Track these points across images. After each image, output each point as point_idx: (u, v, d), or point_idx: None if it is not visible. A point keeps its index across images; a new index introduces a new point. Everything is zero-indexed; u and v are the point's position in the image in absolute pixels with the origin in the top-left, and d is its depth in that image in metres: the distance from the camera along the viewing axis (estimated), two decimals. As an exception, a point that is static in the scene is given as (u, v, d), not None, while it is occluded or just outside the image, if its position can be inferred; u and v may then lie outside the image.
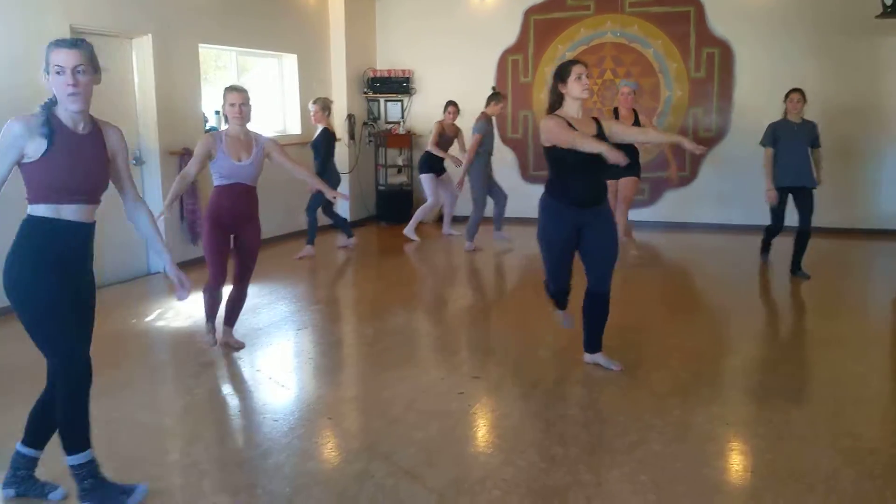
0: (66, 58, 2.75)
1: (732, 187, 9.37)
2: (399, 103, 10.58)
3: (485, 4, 10.18)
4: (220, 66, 8.98)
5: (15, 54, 5.82)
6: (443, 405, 4.04)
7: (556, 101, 4.22)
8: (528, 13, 10.01)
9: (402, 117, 10.56)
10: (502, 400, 4.17)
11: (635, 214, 9.65)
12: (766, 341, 5.43)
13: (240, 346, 5.04)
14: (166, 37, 7.32)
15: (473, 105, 8.68)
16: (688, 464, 3.31)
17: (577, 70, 4.10)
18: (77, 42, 2.82)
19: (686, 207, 9.69)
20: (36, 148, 2.75)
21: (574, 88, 4.10)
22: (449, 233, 9.26)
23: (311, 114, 8.14)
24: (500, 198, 8.54)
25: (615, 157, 3.79)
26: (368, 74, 10.43)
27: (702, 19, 9.39)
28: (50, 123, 2.78)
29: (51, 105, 2.82)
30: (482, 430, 3.81)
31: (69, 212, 2.83)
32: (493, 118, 8.46)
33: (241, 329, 5.25)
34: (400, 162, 10.56)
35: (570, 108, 4.18)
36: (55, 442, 2.97)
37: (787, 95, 6.90)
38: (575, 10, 9.82)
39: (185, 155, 7.47)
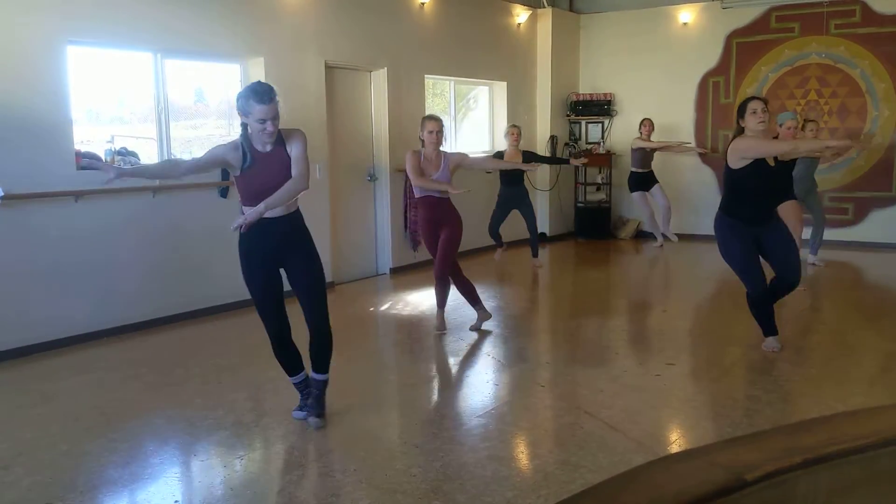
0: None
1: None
2: (600, 125, 11.19)
3: (687, 30, 10.58)
4: (436, 94, 10.06)
5: (286, 85, 7.10)
6: (642, 382, 4.64)
7: (738, 133, 4.77)
8: (731, 36, 10.29)
9: (603, 138, 11.15)
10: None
11: (840, 234, 9.61)
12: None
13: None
14: (398, 69, 8.45)
15: (674, 123, 9.11)
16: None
17: (752, 106, 4.63)
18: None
19: (892, 227, 9.50)
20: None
21: (750, 122, 4.63)
22: (665, 236, 9.96)
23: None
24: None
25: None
26: (571, 98, 11.14)
27: (913, 37, 9.26)
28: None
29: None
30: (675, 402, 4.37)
31: None
32: None
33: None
34: (599, 180, 11.12)
35: None
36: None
37: None
38: (779, 33, 9.99)
39: (410, 172, 8.54)
